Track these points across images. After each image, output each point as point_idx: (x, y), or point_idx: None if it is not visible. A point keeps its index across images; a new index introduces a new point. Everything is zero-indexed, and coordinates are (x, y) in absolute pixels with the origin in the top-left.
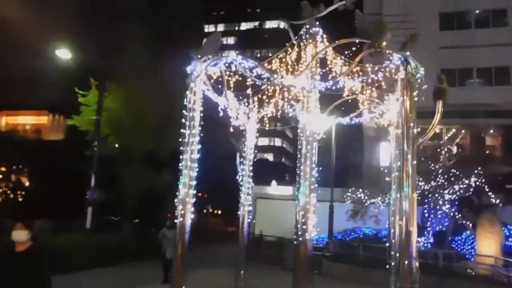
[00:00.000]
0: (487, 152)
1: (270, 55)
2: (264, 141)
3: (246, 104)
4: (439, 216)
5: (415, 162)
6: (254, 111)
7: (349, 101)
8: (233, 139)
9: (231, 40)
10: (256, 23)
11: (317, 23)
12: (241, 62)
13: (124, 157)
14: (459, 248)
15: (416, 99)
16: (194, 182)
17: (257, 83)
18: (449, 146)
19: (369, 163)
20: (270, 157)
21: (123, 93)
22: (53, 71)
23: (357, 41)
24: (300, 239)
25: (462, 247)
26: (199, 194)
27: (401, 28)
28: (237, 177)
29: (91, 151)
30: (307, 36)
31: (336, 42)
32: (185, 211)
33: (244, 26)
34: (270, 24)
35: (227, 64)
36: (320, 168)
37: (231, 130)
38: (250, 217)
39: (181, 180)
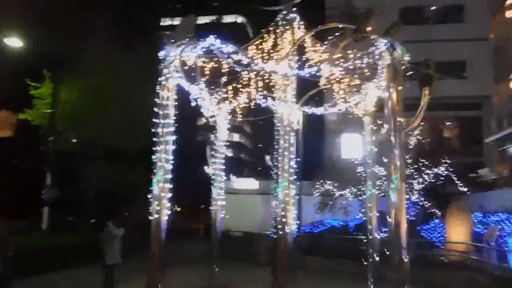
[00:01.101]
0: (446, 143)
1: None
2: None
3: (219, 93)
4: (406, 206)
5: (403, 153)
6: (226, 102)
7: (324, 91)
8: (204, 131)
9: None
10: (214, 17)
11: (294, 9)
12: (219, 46)
13: (85, 153)
14: (428, 237)
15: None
16: (169, 176)
17: (236, 69)
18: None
19: (333, 155)
20: (228, 152)
21: (83, 84)
22: (1, 61)
23: (340, 26)
24: (281, 232)
25: (431, 235)
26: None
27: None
28: (208, 171)
29: (46, 146)
30: (284, 22)
31: (319, 27)
32: (161, 207)
33: (202, 20)
34: (228, 19)
35: (204, 49)
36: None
37: (204, 121)
38: (224, 212)
39: (156, 174)
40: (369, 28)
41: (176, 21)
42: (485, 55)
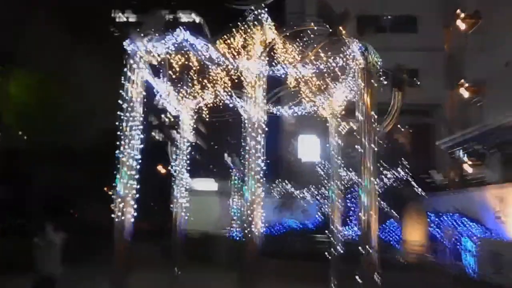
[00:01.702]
0: (400, 147)
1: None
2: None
3: (185, 90)
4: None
5: (375, 155)
6: (191, 99)
7: (291, 91)
8: (166, 127)
9: None
10: (171, 16)
11: (266, 9)
12: (192, 42)
13: (33, 150)
14: (384, 238)
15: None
16: (135, 173)
17: (207, 65)
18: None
19: (290, 157)
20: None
21: (32, 80)
22: None
23: (315, 28)
24: (248, 234)
25: (388, 236)
26: (105, 188)
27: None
28: (170, 169)
29: None
30: (255, 22)
31: (295, 27)
32: (125, 207)
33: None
34: (184, 18)
35: (175, 43)
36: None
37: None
38: (185, 212)
39: (120, 172)
40: (343, 32)
41: (132, 18)
42: (437, 65)
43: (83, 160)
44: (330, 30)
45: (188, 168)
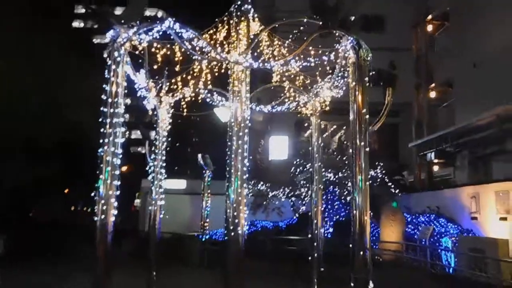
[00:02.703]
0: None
1: None
2: (138, 134)
3: (163, 84)
4: (336, 206)
5: (367, 154)
6: (170, 94)
7: (272, 88)
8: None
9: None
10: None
11: (249, 0)
12: (179, 31)
13: None
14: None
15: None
16: (117, 172)
17: (194, 57)
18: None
19: (261, 156)
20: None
21: None
22: None
23: (305, 20)
24: (232, 234)
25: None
26: (66, 191)
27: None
28: (147, 169)
29: None
30: (239, 13)
31: (284, 19)
32: (108, 207)
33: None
34: (148, 12)
35: (160, 33)
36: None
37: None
38: (163, 212)
39: (102, 170)
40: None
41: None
42: (405, 65)
43: (47, 153)
44: (321, 23)
45: (164, 165)
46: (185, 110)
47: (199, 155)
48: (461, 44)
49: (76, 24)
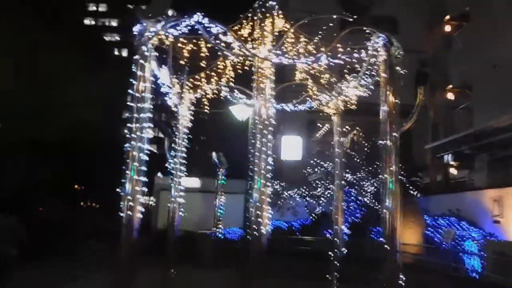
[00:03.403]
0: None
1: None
2: (148, 132)
3: (185, 81)
4: (351, 208)
5: (398, 156)
6: (192, 91)
7: (293, 86)
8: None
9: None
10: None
11: None
12: (208, 26)
13: None
14: (378, 238)
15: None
16: (144, 168)
17: (225, 53)
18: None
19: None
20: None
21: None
22: None
23: (334, 16)
24: (256, 233)
25: (382, 237)
26: (76, 186)
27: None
28: (167, 165)
29: None
30: (263, 9)
31: (313, 15)
32: (134, 203)
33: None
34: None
35: (189, 27)
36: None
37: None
38: (182, 210)
39: (129, 171)
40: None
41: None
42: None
43: (51, 151)
44: (351, 20)
45: (185, 163)
46: (206, 107)
47: (214, 153)
48: (480, 45)
49: (87, 21)
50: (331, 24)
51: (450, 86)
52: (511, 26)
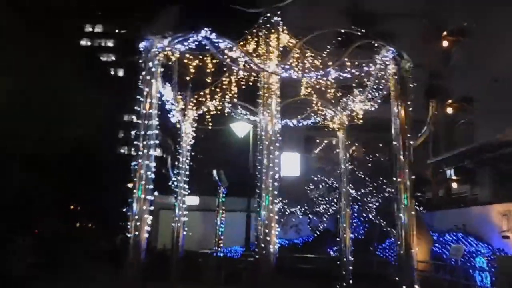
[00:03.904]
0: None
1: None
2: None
3: (195, 97)
4: (354, 224)
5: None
6: (195, 107)
7: (298, 102)
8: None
9: (109, 43)
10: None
11: (279, 12)
12: (216, 40)
13: None
14: (383, 255)
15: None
16: (151, 186)
17: (234, 68)
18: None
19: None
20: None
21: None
22: None
23: (342, 30)
24: (264, 252)
25: (387, 254)
26: (72, 207)
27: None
28: (170, 184)
29: None
30: (268, 25)
31: (320, 30)
32: (142, 223)
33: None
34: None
35: (196, 43)
36: None
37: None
38: (186, 229)
39: (136, 190)
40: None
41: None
42: (418, 81)
43: (48, 167)
44: (360, 34)
45: (188, 180)
46: (207, 123)
47: (214, 171)
48: (480, 59)
49: (83, 42)
50: (333, 42)
51: (450, 101)
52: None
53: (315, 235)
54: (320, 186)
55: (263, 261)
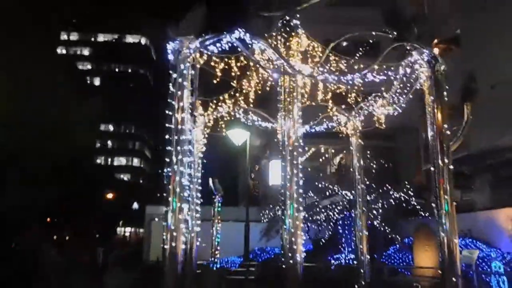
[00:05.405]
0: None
1: (130, 71)
2: (121, 161)
3: (213, 102)
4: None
5: (451, 175)
6: (206, 113)
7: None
8: None
9: (85, 51)
10: (116, 36)
11: (298, 15)
12: (250, 42)
13: None
14: (389, 262)
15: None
16: (186, 193)
17: (267, 71)
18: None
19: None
20: (126, 177)
21: None
22: None
23: (374, 33)
24: (291, 261)
25: (392, 261)
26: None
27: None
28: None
29: None
30: (288, 29)
31: (349, 34)
32: (177, 233)
33: (102, 37)
34: (131, 39)
35: (229, 44)
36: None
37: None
38: (199, 240)
39: (171, 197)
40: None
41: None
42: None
43: (43, 179)
44: (393, 36)
45: (200, 189)
46: (206, 130)
47: (210, 179)
48: (475, 67)
49: (59, 50)
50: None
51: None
52: (508, 45)
53: (311, 244)
54: (330, 193)
55: (290, 270)
